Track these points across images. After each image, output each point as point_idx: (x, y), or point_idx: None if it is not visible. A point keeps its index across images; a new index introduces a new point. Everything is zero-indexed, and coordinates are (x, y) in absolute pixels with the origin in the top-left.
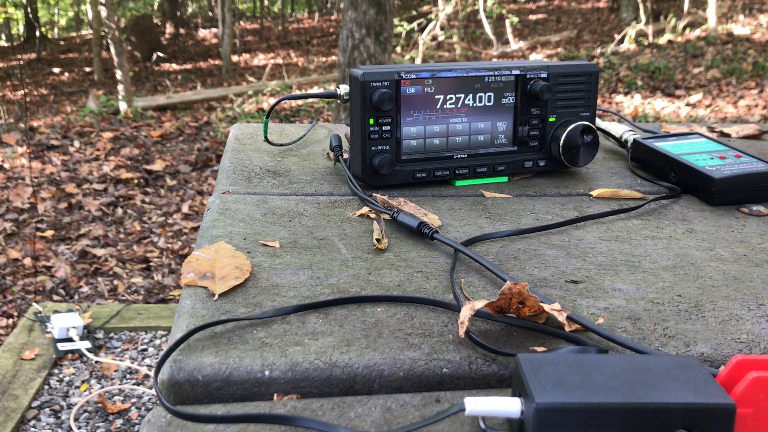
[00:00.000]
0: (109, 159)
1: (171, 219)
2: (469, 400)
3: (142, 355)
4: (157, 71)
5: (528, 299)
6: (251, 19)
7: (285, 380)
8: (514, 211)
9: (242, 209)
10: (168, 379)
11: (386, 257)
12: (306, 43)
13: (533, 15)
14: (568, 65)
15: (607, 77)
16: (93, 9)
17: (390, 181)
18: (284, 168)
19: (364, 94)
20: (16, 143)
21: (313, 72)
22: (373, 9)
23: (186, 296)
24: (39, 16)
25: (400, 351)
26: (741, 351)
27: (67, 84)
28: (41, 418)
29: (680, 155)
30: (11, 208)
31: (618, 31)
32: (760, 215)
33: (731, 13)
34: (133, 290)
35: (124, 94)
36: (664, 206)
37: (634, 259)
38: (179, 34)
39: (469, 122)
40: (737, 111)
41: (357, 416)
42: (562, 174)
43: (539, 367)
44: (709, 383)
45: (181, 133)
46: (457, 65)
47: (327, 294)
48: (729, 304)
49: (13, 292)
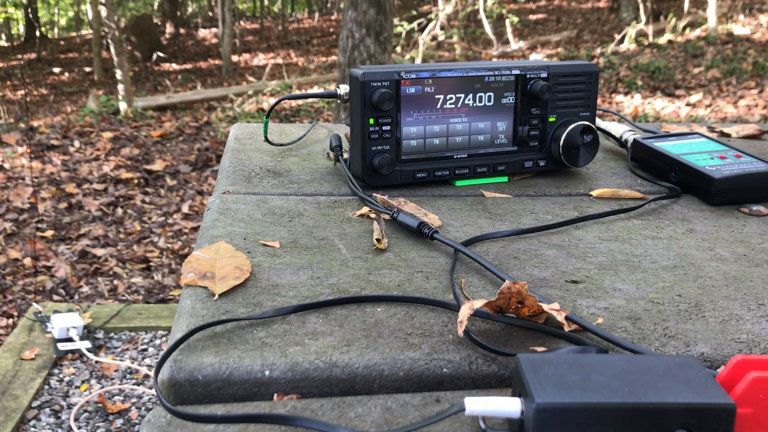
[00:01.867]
0: (109, 159)
1: (171, 219)
2: (469, 400)
3: (142, 355)
4: (157, 71)
5: (527, 299)
6: (251, 19)
7: (285, 380)
8: (514, 211)
9: (242, 209)
10: (168, 379)
11: (386, 257)
12: (306, 43)
13: (533, 15)
14: (568, 65)
15: (607, 77)
16: (93, 9)
17: (390, 181)
18: (284, 168)
19: (364, 94)
20: (16, 143)
21: (313, 72)
22: (373, 9)
23: (186, 296)
24: (39, 16)
25: (400, 351)
26: (741, 351)
27: (67, 84)
28: (41, 418)
29: (680, 155)
30: (11, 208)
31: (618, 31)
32: (760, 215)
33: (731, 13)
34: (133, 290)
35: (124, 94)
36: (664, 206)
37: (634, 259)
38: (179, 34)
39: (469, 122)
40: (737, 111)
41: (357, 416)
42: (562, 174)
43: (539, 367)
44: (709, 383)
45: (181, 133)
46: (457, 65)
47: (327, 294)
48: (729, 304)
49: (13, 292)
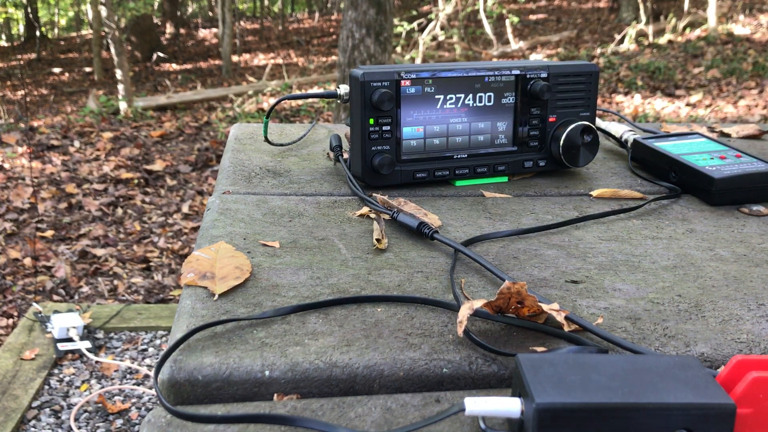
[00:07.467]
0: (109, 159)
1: (171, 219)
2: (469, 400)
3: (142, 355)
4: (157, 71)
5: (527, 299)
6: (251, 19)
7: (285, 380)
8: (514, 211)
9: (242, 209)
10: (168, 379)
11: (386, 257)
12: (306, 43)
13: (533, 15)
14: (568, 65)
15: (607, 77)
16: (93, 9)
17: (390, 181)
18: (284, 168)
19: (364, 94)
20: (16, 143)
21: (313, 72)
22: (373, 9)
23: (186, 296)
24: (39, 16)
25: (400, 351)
26: (741, 351)
27: (67, 84)
28: (41, 418)
29: (680, 155)
30: (11, 208)
31: (618, 31)
32: (760, 215)
33: (731, 13)
34: (133, 290)
35: (124, 94)
36: (664, 206)
37: (634, 259)
38: (179, 34)
39: (469, 122)
40: (737, 111)
41: (357, 416)
42: (562, 174)
43: (539, 367)
44: (709, 383)
45: (181, 133)
46: (457, 65)
47: (327, 294)
48: (729, 304)
49: (13, 292)
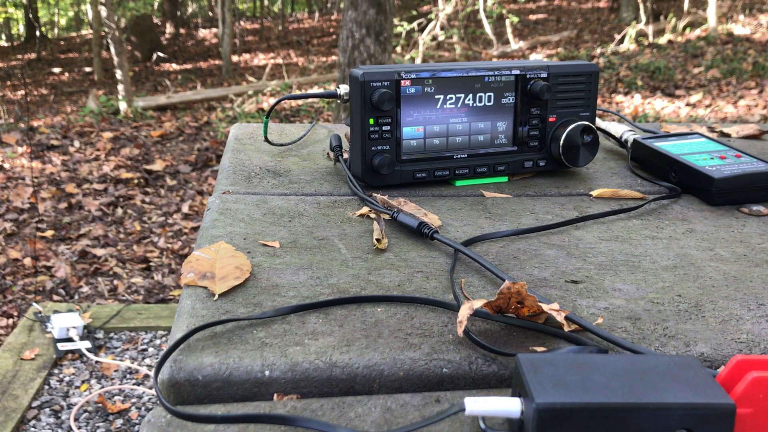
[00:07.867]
0: (109, 159)
1: (171, 219)
2: (469, 400)
3: (142, 355)
4: (157, 71)
5: (527, 299)
6: (251, 19)
7: (285, 380)
8: (514, 211)
9: (242, 209)
10: (168, 379)
11: (386, 257)
12: (306, 43)
13: (533, 15)
14: (568, 65)
15: (607, 77)
16: (93, 9)
17: (390, 181)
18: (284, 168)
19: (364, 94)
20: (16, 143)
21: (313, 72)
22: (373, 9)
23: (186, 296)
24: (39, 16)
25: (400, 351)
26: (741, 351)
27: (67, 84)
28: (41, 418)
29: (680, 155)
30: (11, 208)
31: (618, 31)
32: (760, 215)
33: (731, 13)
34: (133, 290)
35: (124, 94)
36: (664, 206)
37: (634, 259)
38: (179, 34)
39: (469, 122)
40: (737, 111)
41: (357, 416)
42: (562, 174)
43: (539, 367)
44: (709, 383)
45: (181, 133)
46: (457, 65)
47: (327, 294)
48: (729, 304)
49: (13, 292)
